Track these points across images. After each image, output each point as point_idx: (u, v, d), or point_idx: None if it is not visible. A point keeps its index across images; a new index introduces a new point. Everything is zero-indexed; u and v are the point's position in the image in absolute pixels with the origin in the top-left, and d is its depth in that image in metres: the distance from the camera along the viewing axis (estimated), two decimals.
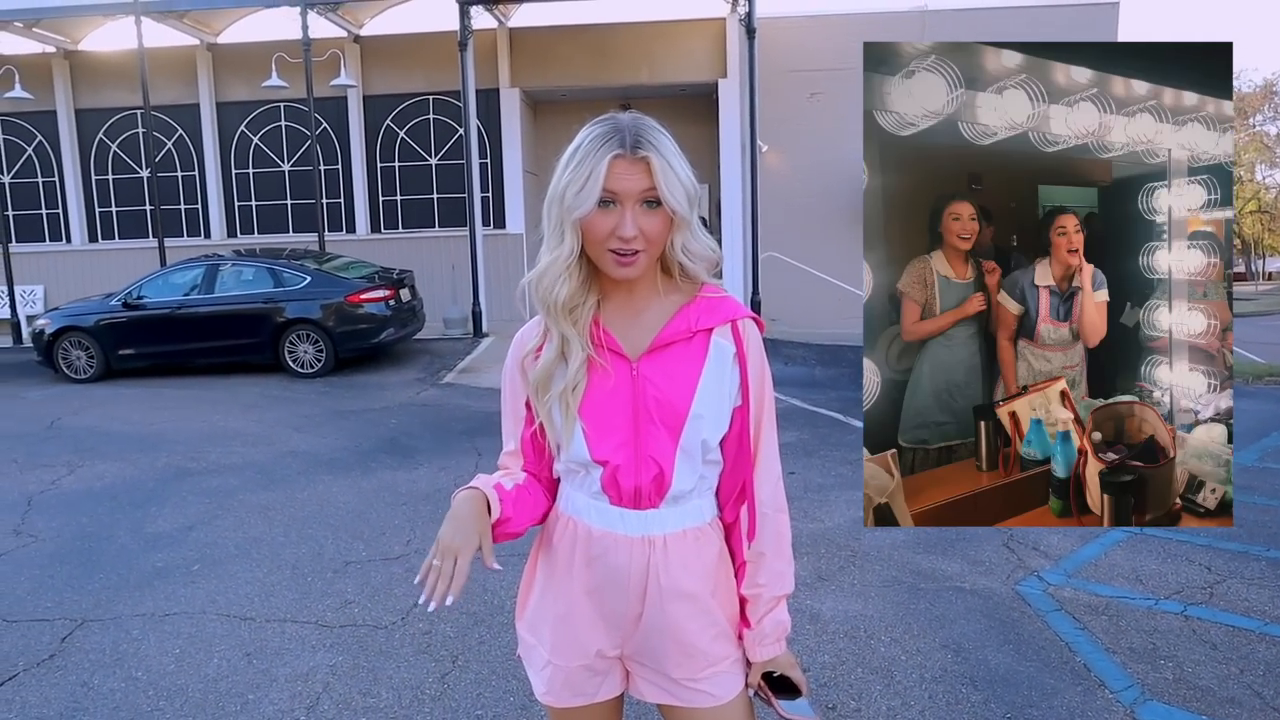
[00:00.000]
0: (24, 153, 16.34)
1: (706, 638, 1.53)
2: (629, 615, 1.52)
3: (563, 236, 1.42)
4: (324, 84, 14.21)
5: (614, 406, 1.46)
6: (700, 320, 1.48)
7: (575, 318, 1.45)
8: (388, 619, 3.85)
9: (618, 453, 1.46)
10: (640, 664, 1.56)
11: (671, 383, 1.46)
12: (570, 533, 1.53)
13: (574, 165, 1.38)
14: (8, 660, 3.57)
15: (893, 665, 3.31)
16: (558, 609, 1.55)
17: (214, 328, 10.73)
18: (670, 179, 1.37)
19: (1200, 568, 4.18)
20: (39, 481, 6.31)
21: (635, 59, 14.78)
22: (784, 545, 1.59)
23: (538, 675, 1.59)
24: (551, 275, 1.44)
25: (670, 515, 1.49)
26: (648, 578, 1.50)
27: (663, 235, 1.41)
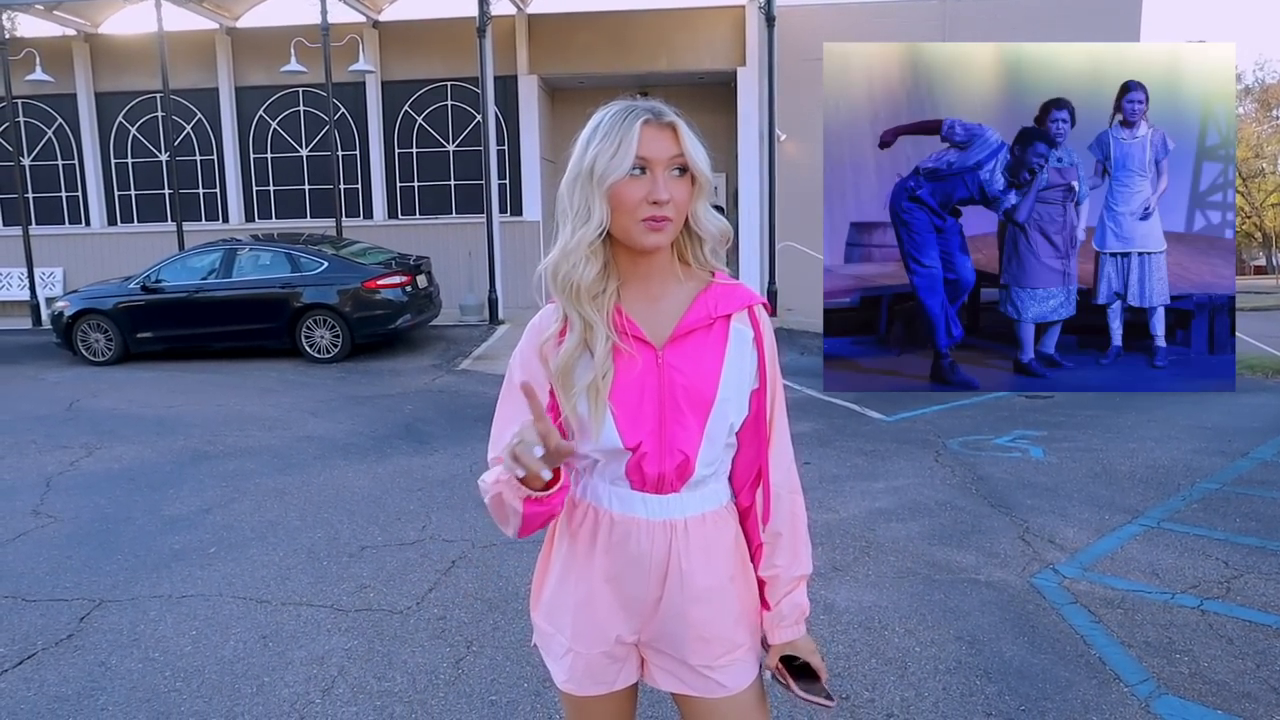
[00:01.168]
0: (44, 135, 16.45)
1: (726, 623, 1.53)
2: (649, 600, 1.52)
3: (590, 212, 1.41)
4: (342, 69, 14.24)
5: (641, 393, 1.46)
6: (719, 306, 1.49)
7: (599, 304, 1.45)
8: (403, 604, 3.87)
9: (647, 440, 1.46)
10: (657, 650, 1.57)
11: (698, 370, 1.46)
12: (590, 520, 1.53)
13: (600, 138, 1.40)
14: (27, 639, 3.62)
15: (906, 656, 3.31)
16: (578, 596, 1.54)
17: (231, 312, 10.79)
18: (695, 146, 1.42)
19: (1218, 562, 4.14)
20: (58, 463, 6.37)
21: (654, 46, 14.73)
22: (800, 526, 1.61)
23: (558, 663, 1.58)
24: (576, 256, 1.43)
25: (690, 499, 1.50)
26: (669, 562, 1.50)
27: (687, 204, 1.43)
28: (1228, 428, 6.80)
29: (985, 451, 6.25)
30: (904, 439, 6.69)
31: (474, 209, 14.95)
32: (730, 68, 14.66)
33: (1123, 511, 4.90)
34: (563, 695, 1.61)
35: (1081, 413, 7.52)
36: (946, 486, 5.44)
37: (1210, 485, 5.34)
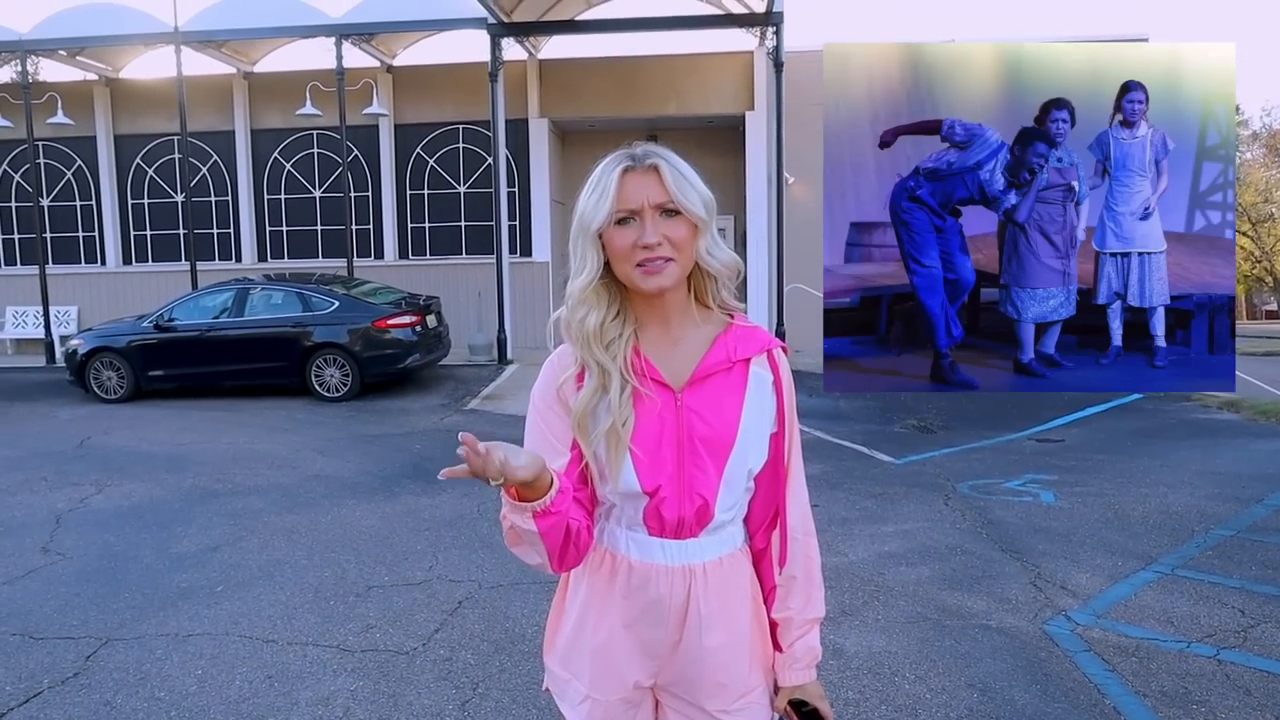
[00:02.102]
0: (64, 177, 16.71)
1: (742, 667, 1.53)
2: (667, 644, 1.52)
3: (585, 259, 1.45)
4: (356, 112, 14.46)
5: (660, 437, 1.46)
6: (738, 350, 1.49)
7: (613, 351, 1.45)
8: (409, 644, 3.85)
9: (666, 484, 1.45)
10: (673, 695, 1.56)
11: (717, 414, 1.46)
12: (608, 566, 1.53)
13: (590, 189, 1.45)
14: (33, 677, 3.60)
15: (917, 704, 3.26)
16: (596, 642, 1.53)
17: (243, 350, 10.86)
18: (682, 184, 1.42)
19: (1234, 610, 4.09)
20: (68, 500, 6.38)
21: (663, 91, 14.93)
22: (814, 569, 1.60)
23: (574, 710, 1.57)
24: (579, 301, 1.46)
25: (708, 544, 1.50)
26: (688, 606, 1.50)
27: (688, 242, 1.43)
28: (1242, 473, 6.75)
29: (996, 495, 6.21)
30: (913, 482, 6.65)
31: (484, 250, 15.07)
32: (739, 112, 14.84)
33: (1136, 558, 4.85)
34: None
35: (1093, 457, 7.47)
36: (957, 530, 5.40)
37: (1225, 532, 5.29)
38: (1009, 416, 9.57)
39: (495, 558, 4.96)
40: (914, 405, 10.18)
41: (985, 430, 8.79)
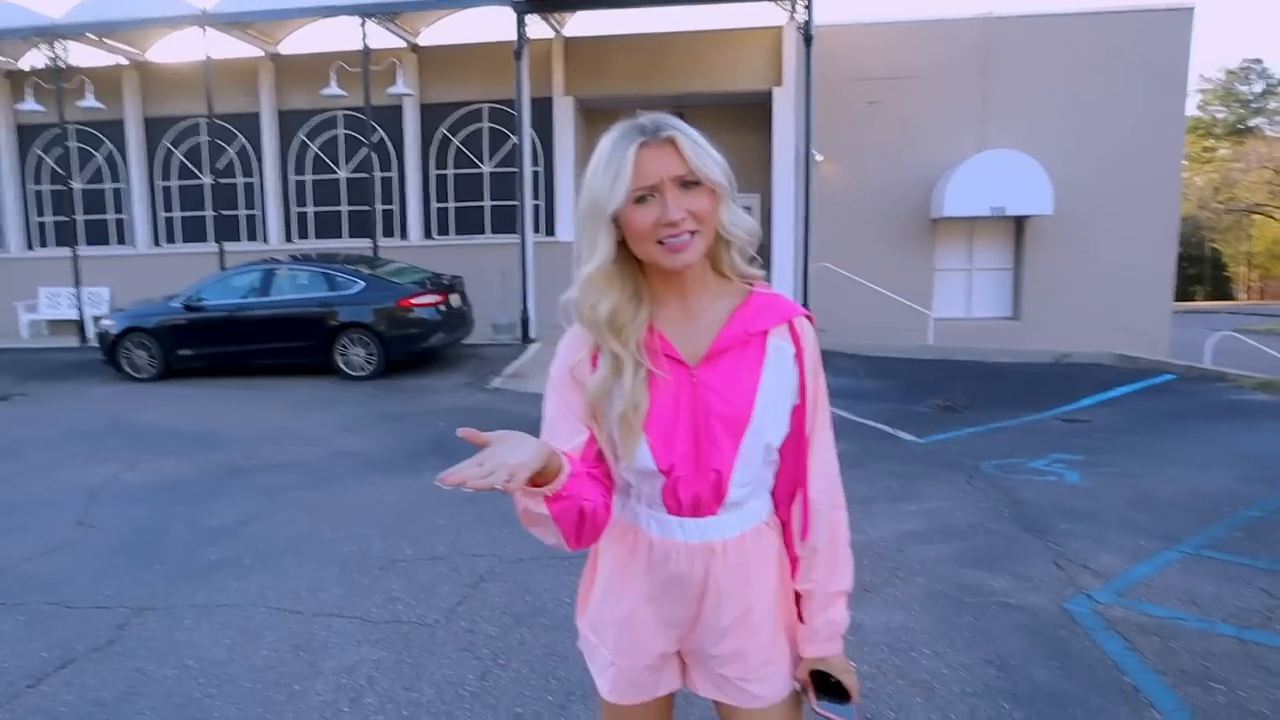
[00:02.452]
0: (94, 159, 16.92)
1: (763, 640, 1.54)
2: (687, 618, 1.54)
3: (596, 243, 1.40)
4: (381, 92, 14.49)
5: (675, 416, 1.43)
6: (755, 322, 1.46)
7: (625, 337, 1.42)
8: (431, 617, 3.90)
9: (681, 463, 1.44)
10: (696, 660, 1.58)
11: (733, 390, 1.43)
12: (630, 540, 1.54)
13: (601, 167, 1.38)
14: (68, 645, 3.70)
15: (934, 679, 3.27)
16: (619, 614, 1.55)
17: (269, 330, 10.98)
18: (700, 153, 1.37)
19: (1260, 591, 4.05)
20: (101, 476, 6.51)
21: (690, 68, 14.82)
22: (840, 542, 1.58)
23: (601, 675, 1.61)
24: (589, 289, 1.42)
25: (728, 521, 1.49)
26: (707, 583, 1.50)
27: (711, 213, 1.38)
28: (1274, 455, 6.65)
29: (1020, 475, 6.17)
30: (936, 461, 6.62)
31: (508, 229, 15.10)
32: (766, 88, 14.69)
33: (1161, 538, 4.81)
34: (603, 702, 1.63)
35: (1120, 437, 7.39)
36: (979, 509, 5.38)
37: (1254, 513, 5.22)
38: (1036, 396, 9.48)
39: (516, 533, 5.00)
40: (939, 385, 10.11)
41: (1011, 410, 8.72)
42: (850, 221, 15.13)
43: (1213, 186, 41.86)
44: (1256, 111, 46.98)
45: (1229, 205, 41.15)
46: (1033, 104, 14.86)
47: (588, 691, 3.20)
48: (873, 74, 15.05)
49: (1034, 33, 14.83)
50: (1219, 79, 47.97)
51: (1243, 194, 40.34)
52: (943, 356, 12.60)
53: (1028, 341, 14.02)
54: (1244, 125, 46.27)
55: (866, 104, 15.12)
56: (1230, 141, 45.65)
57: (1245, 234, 44.92)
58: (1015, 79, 14.87)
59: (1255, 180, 39.37)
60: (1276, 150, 39.65)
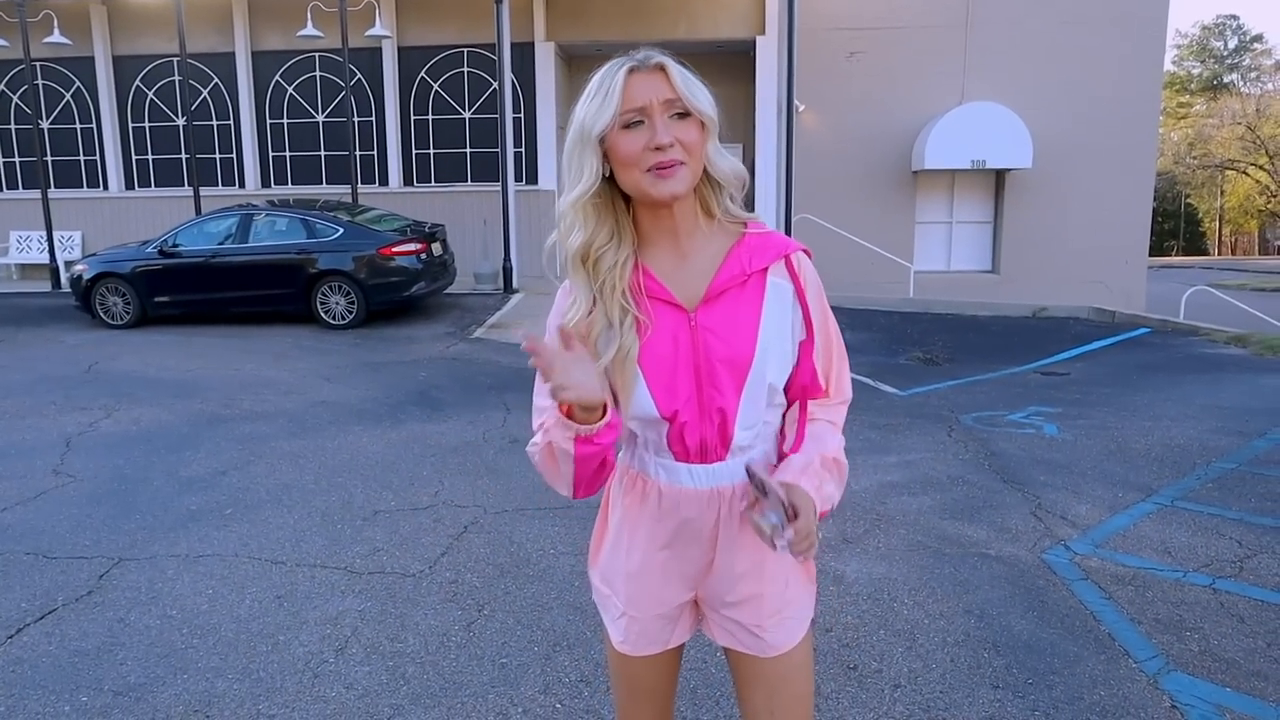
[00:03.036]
0: (62, 99, 16.46)
1: (776, 586, 1.53)
2: (701, 564, 1.53)
3: (583, 169, 1.38)
4: (359, 34, 14.15)
5: (675, 360, 1.41)
6: (752, 261, 1.44)
7: (609, 278, 1.39)
8: (415, 567, 3.91)
9: (685, 408, 1.42)
10: (711, 607, 1.58)
11: (733, 332, 1.41)
12: (639, 489, 1.52)
13: (591, 93, 1.38)
14: (48, 595, 3.68)
15: (915, 628, 3.32)
16: (630, 565, 1.54)
17: (247, 277, 10.83)
18: (691, 83, 1.37)
19: (1231, 541, 4.13)
20: (77, 424, 6.44)
21: (673, 13, 14.56)
22: (829, 446, 1.51)
23: (614, 624, 1.61)
24: (572, 215, 1.40)
25: (737, 466, 1.48)
26: (718, 529, 1.50)
27: (699, 145, 1.37)
28: (1246, 407, 6.75)
29: (999, 427, 6.23)
30: (917, 414, 6.67)
31: (490, 177, 14.90)
32: (750, 36, 14.48)
33: (1137, 489, 4.88)
34: (612, 651, 1.63)
35: (1097, 390, 7.47)
36: (959, 461, 5.43)
37: (1227, 465, 5.31)
38: (1015, 350, 9.56)
39: (500, 484, 5.01)
40: (920, 338, 10.16)
41: (991, 363, 8.79)
42: (832, 173, 15.06)
43: (1187, 142, 42.00)
44: (1231, 68, 47.00)
45: (1203, 161, 41.34)
46: (1013, 57, 14.79)
47: (573, 641, 3.22)
48: (855, 24, 14.90)
49: None
50: (1194, 35, 47.88)
51: (1217, 149, 40.51)
52: (923, 309, 12.65)
53: (1006, 295, 14.10)
54: (1218, 81, 46.31)
55: (848, 55, 14.97)
56: (1205, 97, 45.71)
57: (1218, 190, 45.20)
58: (996, 32, 14.77)
59: (1228, 136, 39.53)
60: (1250, 106, 39.73)
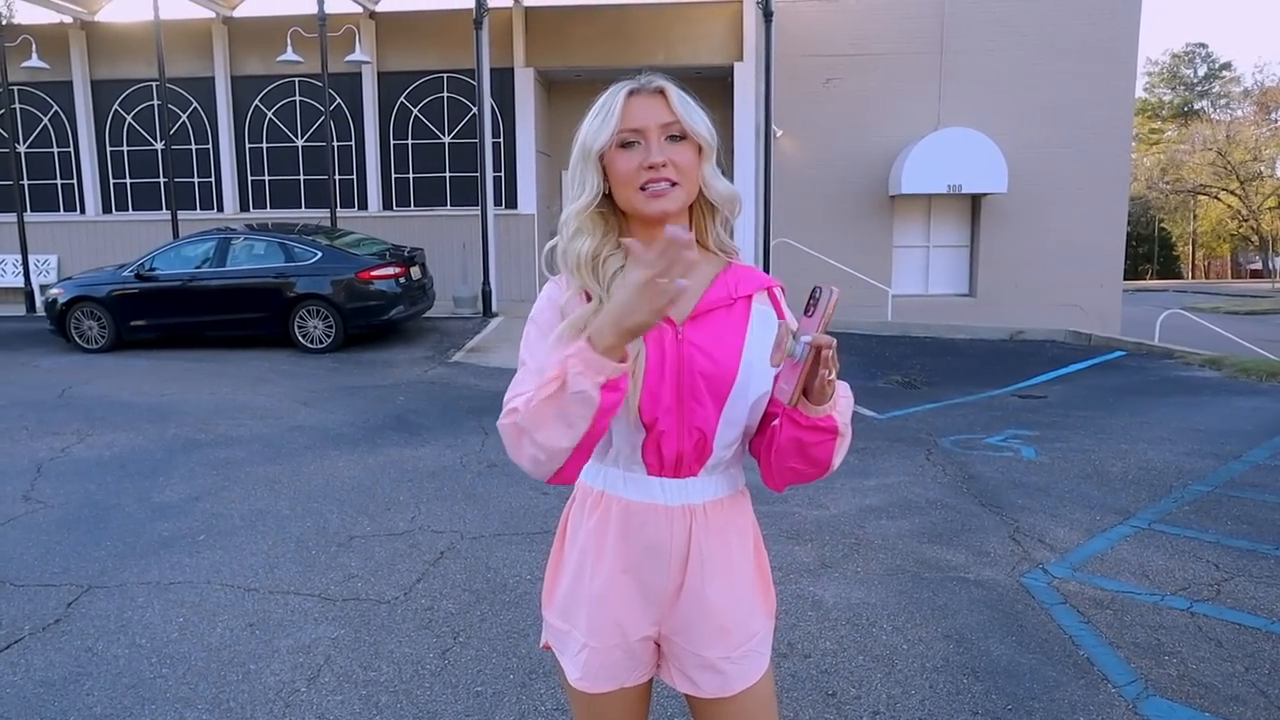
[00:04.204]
0: (40, 122, 16.36)
1: (743, 612, 1.51)
2: (669, 589, 1.49)
3: (585, 183, 1.45)
4: (339, 60, 14.18)
5: (660, 370, 1.42)
6: (740, 287, 1.48)
7: (606, 277, 1.43)
8: (390, 594, 3.86)
9: (665, 417, 1.42)
10: (674, 645, 1.53)
11: (718, 348, 1.43)
12: (604, 509, 1.49)
13: (593, 113, 1.44)
14: (14, 624, 3.60)
15: (894, 654, 3.30)
16: (594, 590, 1.50)
17: (225, 301, 10.75)
18: (689, 107, 1.43)
19: (1208, 564, 4.15)
20: (49, 449, 6.34)
21: (651, 41, 14.69)
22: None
23: (572, 661, 1.54)
24: (572, 225, 1.46)
25: (709, 483, 1.48)
26: (689, 547, 1.47)
27: (693, 167, 1.42)
28: (1221, 430, 6.81)
29: (977, 450, 6.25)
30: (896, 437, 6.69)
31: (469, 201, 14.91)
32: (728, 62, 14.62)
33: (1114, 512, 4.91)
34: (574, 694, 1.56)
35: (1074, 413, 7.53)
36: (937, 485, 5.44)
37: (1202, 488, 5.35)
38: (991, 373, 9.62)
39: (477, 509, 4.97)
40: (898, 361, 10.21)
41: (968, 386, 8.84)
42: (810, 197, 15.19)
43: (1160, 167, 42.71)
44: (1201, 95, 47.92)
45: (1176, 186, 42.04)
46: (987, 84, 15.02)
47: (549, 669, 3.18)
48: (831, 51, 15.09)
49: (989, 13, 14.96)
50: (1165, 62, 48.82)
51: (1189, 175, 41.22)
52: (901, 333, 12.72)
53: (983, 318, 14.22)
54: (1189, 108, 47.19)
55: (825, 81, 15.15)
56: (1176, 124, 46.55)
57: (1191, 214, 45.94)
58: (970, 59, 15.01)
59: (1200, 162, 40.24)
60: (1220, 133, 40.46)
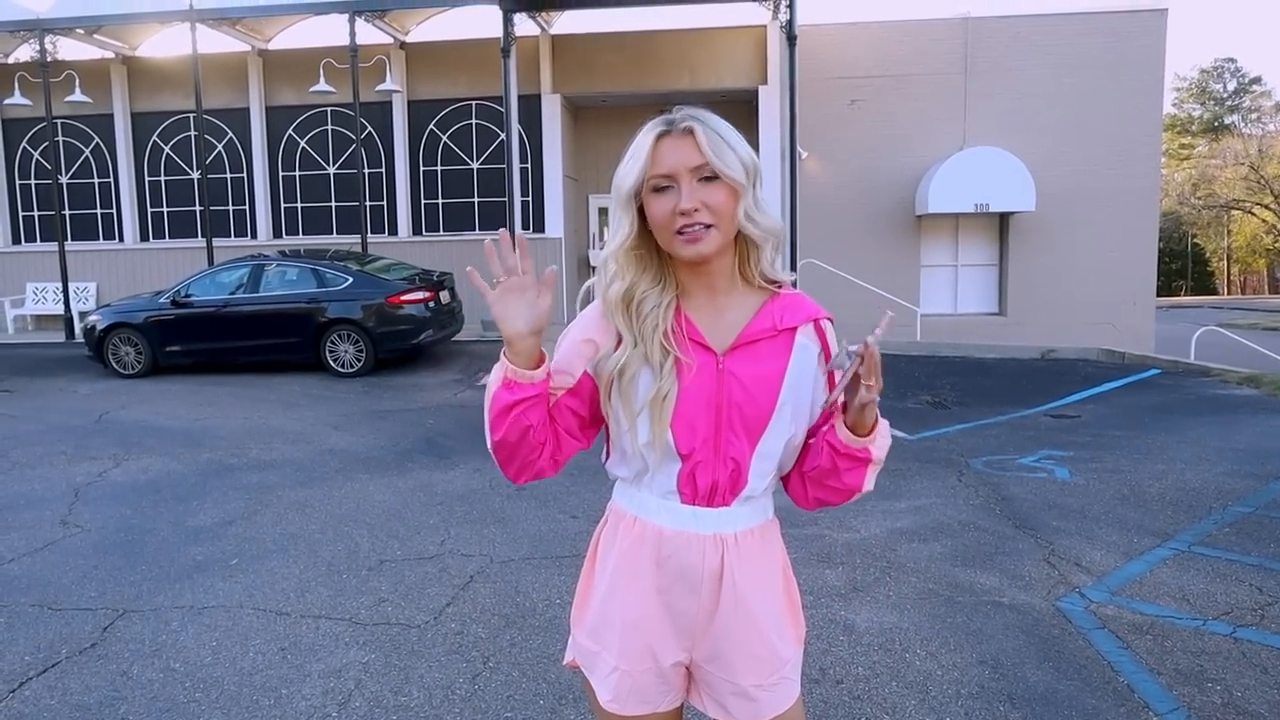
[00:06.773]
0: (81, 154, 16.77)
1: (774, 639, 1.52)
2: (701, 615, 1.50)
3: (620, 224, 1.45)
4: (370, 89, 14.43)
5: (698, 401, 1.43)
6: (784, 319, 1.47)
7: (650, 320, 1.43)
8: (420, 618, 3.87)
9: (701, 448, 1.43)
10: (707, 673, 1.54)
11: (758, 381, 1.44)
12: (638, 534, 1.50)
13: (626, 155, 1.45)
14: (51, 648, 3.65)
15: (928, 680, 3.26)
16: (626, 614, 1.51)
17: (258, 326, 10.90)
18: (720, 147, 1.39)
19: (1251, 588, 4.05)
20: (86, 474, 6.44)
21: (676, 66, 14.80)
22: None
23: (603, 682, 1.55)
24: (609, 266, 1.47)
25: (742, 513, 1.49)
26: (722, 575, 1.48)
27: (729, 207, 1.40)
28: (1261, 449, 6.68)
29: (1010, 471, 6.17)
30: (927, 458, 6.62)
31: (497, 226, 15.02)
32: (752, 86, 14.70)
33: (1152, 534, 4.81)
34: (605, 716, 1.57)
35: (1109, 433, 7.41)
36: (970, 507, 5.37)
37: (1243, 509, 5.24)
38: (1023, 392, 9.50)
39: (507, 533, 4.98)
40: (928, 381, 10.12)
41: (999, 406, 8.73)
42: (836, 218, 15.17)
43: (1191, 183, 42.20)
44: (1231, 109, 47.35)
45: (1208, 201, 41.50)
46: (1013, 102, 14.96)
47: (579, 695, 3.17)
48: (855, 73, 15.12)
49: (1013, 33, 14.93)
50: (1193, 78, 48.32)
51: (1221, 190, 40.68)
52: (930, 353, 12.62)
53: (1014, 337, 14.06)
54: (1219, 123, 46.63)
55: (850, 103, 15.16)
56: (1206, 139, 46.00)
57: (1225, 230, 45.28)
58: (996, 78, 14.96)
59: (1232, 176, 39.72)
60: (1252, 147, 39.93)
